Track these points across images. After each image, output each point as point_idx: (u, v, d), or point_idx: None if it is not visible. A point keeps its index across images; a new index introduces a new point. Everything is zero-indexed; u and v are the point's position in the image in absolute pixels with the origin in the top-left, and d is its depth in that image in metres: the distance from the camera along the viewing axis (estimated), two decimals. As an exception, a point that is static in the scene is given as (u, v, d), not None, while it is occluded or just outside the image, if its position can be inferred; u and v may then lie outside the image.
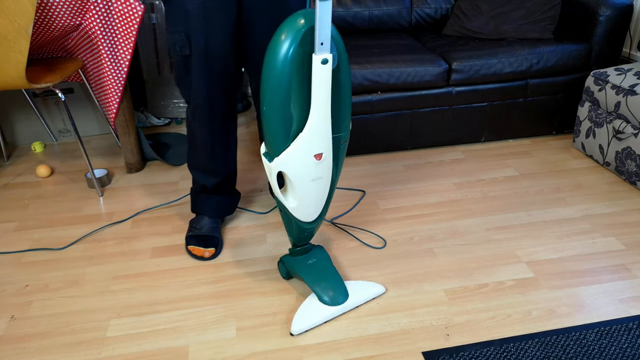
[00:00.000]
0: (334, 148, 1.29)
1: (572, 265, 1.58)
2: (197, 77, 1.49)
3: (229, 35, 1.45)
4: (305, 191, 1.28)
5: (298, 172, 1.24)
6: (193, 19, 1.41)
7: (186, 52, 1.46)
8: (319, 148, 1.22)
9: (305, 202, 1.31)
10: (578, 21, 2.29)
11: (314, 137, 1.20)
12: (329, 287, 1.41)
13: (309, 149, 1.22)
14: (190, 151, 1.69)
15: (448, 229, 1.77)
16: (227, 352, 1.31)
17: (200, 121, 1.58)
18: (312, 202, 1.32)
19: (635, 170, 1.92)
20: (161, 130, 2.63)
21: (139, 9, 1.84)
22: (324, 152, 1.24)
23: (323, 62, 1.11)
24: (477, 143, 2.37)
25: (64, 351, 1.33)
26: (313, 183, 1.28)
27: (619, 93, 1.97)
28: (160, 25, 2.53)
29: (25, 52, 1.63)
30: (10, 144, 2.50)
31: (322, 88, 1.14)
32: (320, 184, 1.29)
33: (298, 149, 1.21)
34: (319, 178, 1.28)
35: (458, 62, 2.13)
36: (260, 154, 1.31)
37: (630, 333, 1.32)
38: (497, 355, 1.27)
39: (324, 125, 1.20)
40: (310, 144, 1.21)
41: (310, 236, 1.45)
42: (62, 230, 1.83)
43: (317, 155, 1.23)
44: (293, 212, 1.33)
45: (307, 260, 1.48)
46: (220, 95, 1.53)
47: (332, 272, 1.46)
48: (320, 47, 1.09)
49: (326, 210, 1.40)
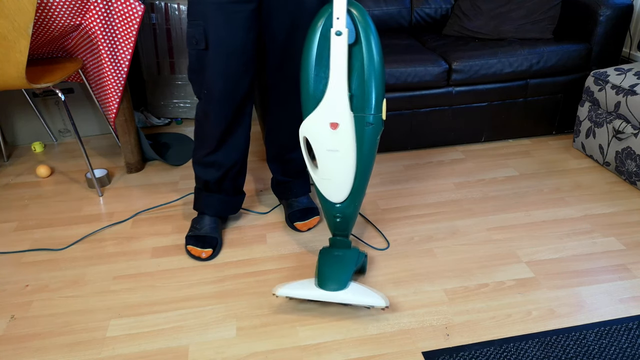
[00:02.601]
0: (358, 127, 1.34)
1: (572, 265, 1.58)
2: (214, 73, 1.49)
3: (248, 30, 1.46)
4: (323, 161, 1.40)
5: (316, 138, 1.37)
6: (213, 13, 1.42)
7: (202, 47, 1.47)
8: (334, 117, 1.34)
9: (325, 175, 1.41)
10: (578, 21, 2.29)
11: (330, 105, 1.33)
12: (329, 273, 1.41)
13: (325, 117, 1.34)
14: (196, 145, 1.67)
15: (448, 229, 1.77)
16: (227, 352, 1.31)
17: (212, 115, 1.56)
18: (333, 176, 1.41)
19: (635, 170, 1.92)
20: (161, 130, 2.63)
21: (139, 9, 1.84)
22: (340, 122, 1.33)
23: (337, 34, 1.25)
24: (477, 143, 2.37)
25: (64, 351, 1.33)
26: (329, 154, 1.38)
27: (619, 93, 1.97)
28: (160, 25, 2.53)
29: (25, 52, 1.63)
30: (10, 144, 2.50)
31: (338, 58, 1.27)
32: (337, 157, 1.38)
33: (317, 114, 1.35)
34: (335, 150, 1.37)
35: (458, 62, 2.13)
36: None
37: (630, 333, 1.32)
38: (497, 355, 1.27)
39: (340, 95, 1.31)
40: (326, 112, 1.34)
41: (344, 225, 1.47)
42: (62, 230, 1.83)
43: (332, 124, 1.34)
44: (317, 185, 1.44)
45: (336, 251, 1.48)
46: (236, 91, 1.53)
47: (344, 266, 1.44)
48: (336, 21, 1.24)
49: (357, 198, 1.44)
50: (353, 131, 1.34)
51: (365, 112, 1.32)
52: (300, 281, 1.41)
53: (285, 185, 1.82)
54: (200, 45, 1.47)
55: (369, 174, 1.42)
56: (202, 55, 1.49)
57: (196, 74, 1.54)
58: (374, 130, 1.34)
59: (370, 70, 1.29)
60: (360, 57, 1.28)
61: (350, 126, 1.33)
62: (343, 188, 1.42)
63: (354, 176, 1.40)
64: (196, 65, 1.52)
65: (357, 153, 1.37)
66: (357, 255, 1.48)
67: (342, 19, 1.24)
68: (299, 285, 1.40)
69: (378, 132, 1.35)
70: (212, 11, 1.42)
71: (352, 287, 1.41)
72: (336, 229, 1.49)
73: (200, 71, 1.52)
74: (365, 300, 1.36)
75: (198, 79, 1.55)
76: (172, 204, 1.96)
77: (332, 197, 1.44)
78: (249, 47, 1.48)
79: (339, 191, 1.43)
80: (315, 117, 1.35)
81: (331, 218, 1.48)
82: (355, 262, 1.46)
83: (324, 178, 1.42)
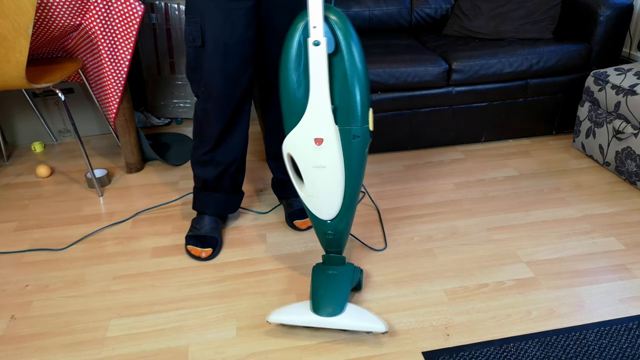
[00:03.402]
0: (344, 141, 1.26)
1: (572, 265, 1.58)
2: (212, 71, 1.48)
3: (247, 27, 1.45)
4: (310, 178, 1.32)
5: (301, 154, 1.30)
6: (210, 10, 1.41)
7: (198, 44, 1.46)
8: (318, 132, 1.25)
9: (313, 192, 1.33)
10: (578, 21, 2.29)
11: (313, 120, 1.24)
12: (324, 296, 1.35)
13: (309, 132, 1.26)
14: (195, 144, 1.67)
15: (448, 229, 1.77)
16: (227, 352, 1.31)
17: (210, 113, 1.55)
18: (321, 194, 1.33)
19: (635, 170, 1.92)
20: (161, 130, 2.63)
21: (139, 9, 1.84)
22: (325, 137, 1.26)
23: (315, 44, 1.16)
24: (477, 143, 2.37)
25: (64, 351, 1.33)
26: (315, 170, 1.30)
27: (619, 93, 1.97)
28: (160, 25, 2.53)
29: (25, 52, 1.63)
30: (10, 144, 2.50)
31: (317, 70, 1.19)
32: (324, 173, 1.30)
33: (300, 130, 1.26)
34: (322, 167, 1.29)
35: (458, 62, 2.13)
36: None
37: (630, 333, 1.32)
38: (497, 355, 1.27)
39: (322, 109, 1.23)
40: (309, 127, 1.26)
41: (337, 242, 1.40)
42: (62, 230, 1.83)
43: (316, 140, 1.26)
44: (305, 202, 1.37)
45: (330, 269, 1.42)
46: (235, 88, 1.52)
47: (340, 286, 1.38)
48: (313, 30, 1.15)
49: (348, 213, 1.36)
50: (339, 145, 1.26)
51: (351, 125, 1.24)
52: (294, 304, 1.35)
53: (285, 184, 1.82)
54: (197, 42, 1.46)
55: (359, 188, 1.35)
56: (199, 53, 1.48)
57: (194, 72, 1.53)
58: (361, 143, 1.26)
59: (353, 80, 1.20)
60: (342, 66, 1.19)
61: (335, 140, 1.25)
62: (333, 204, 1.34)
63: (343, 192, 1.32)
64: (194, 63, 1.52)
65: (345, 167, 1.29)
66: (352, 272, 1.41)
67: (319, 28, 1.14)
68: (294, 310, 1.34)
69: (366, 144, 1.28)
70: (210, 8, 1.41)
71: (349, 311, 1.33)
72: (329, 245, 1.42)
73: (198, 69, 1.51)
74: (364, 325, 1.30)
75: (196, 77, 1.54)
76: (172, 204, 1.96)
77: (322, 215, 1.36)
78: (247, 45, 1.47)
79: (328, 208, 1.35)
80: (297, 133, 1.27)
81: (322, 235, 1.40)
82: (351, 281, 1.39)
83: (312, 195, 1.34)
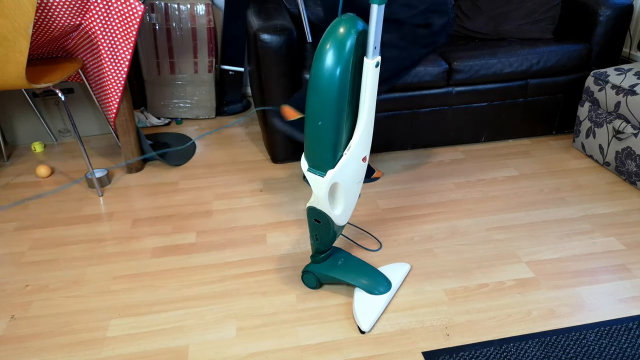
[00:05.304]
0: None
1: (572, 265, 1.58)
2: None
3: None
4: (351, 195, 1.30)
5: (349, 178, 1.25)
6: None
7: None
8: (365, 151, 1.24)
9: (349, 206, 1.33)
10: (578, 21, 2.29)
11: (363, 141, 1.21)
12: (373, 279, 1.44)
13: (359, 154, 1.23)
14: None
15: (448, 229, 1.77)
16: (227, 352, 1.31)
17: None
18: (352, 204, 1.35)
19: (635, 170, 1.92)
20: (161, 130, 2.63)
21: (139, 9, 1.84)
22: (368, 153, 1.26)
23: (377, 66, 1.11)
24: (477, 143, 2.37)
25: (64, 351, 1.33)
26: (357, 185, 1.31)
27: (619, 93, 1.96)
28: (160, 25, 2.53)
29: (25, 52, 1.63)
30: (10, 144, 2.50)
31: (372, 91, 1.14)
32: (360, 184, 1.33)
33: (351, 156, 1.21)
34: (360, 180, 1.30)
35: (458, 62, 2.13)
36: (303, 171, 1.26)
37: (630, 333, 1.32)
38: (497, 355, 1.27)
39: (371, 127, 1.21)
40: (360, 149, 1.22)
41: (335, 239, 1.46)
42: (62, 230, 1.83)
43: (364, 158, 1.25)
44: (336, 220, 1.33)
45: (336, 262, 1.48)
46: None
47: (364, 265, 1.48)
48: (374, 51, 1.09)
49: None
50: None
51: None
52: (358, 304, 1.40)
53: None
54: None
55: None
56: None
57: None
58: None
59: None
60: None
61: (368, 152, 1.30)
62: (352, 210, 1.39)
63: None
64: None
65: None
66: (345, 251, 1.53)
67: (378, 47, 1.10)
68: (367, 308, 1.39)
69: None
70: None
71: (387, 274, 1.49)
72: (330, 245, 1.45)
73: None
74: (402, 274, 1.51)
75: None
76: (172, 203, 1.96)
77: (343, 222, 1.38)
78: None
79: (349, 214, 1.38)
80: (348, 160, 1.22)
81: (333, 239, 1.42)
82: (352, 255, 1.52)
83: (346, 210, 1.33)
